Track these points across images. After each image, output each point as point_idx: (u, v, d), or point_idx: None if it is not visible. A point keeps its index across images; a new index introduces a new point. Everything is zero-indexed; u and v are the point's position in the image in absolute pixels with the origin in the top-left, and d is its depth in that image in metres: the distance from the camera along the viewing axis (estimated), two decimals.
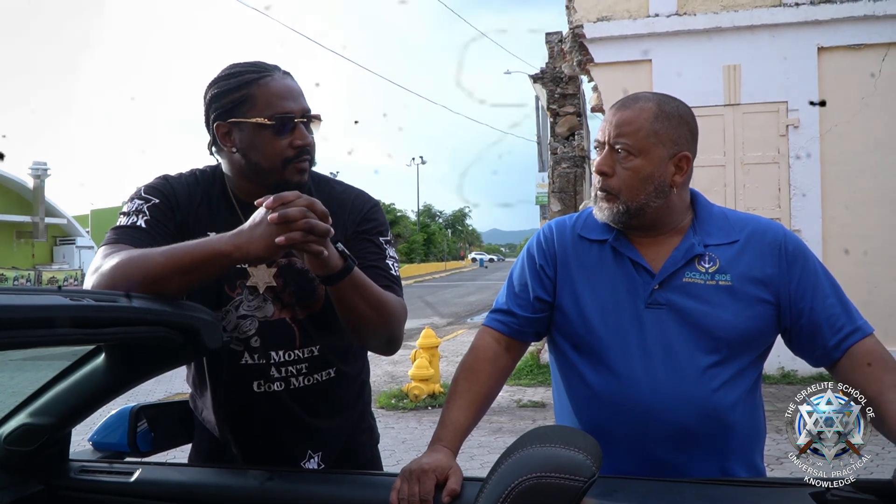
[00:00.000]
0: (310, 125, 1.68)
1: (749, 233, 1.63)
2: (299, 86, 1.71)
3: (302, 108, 1.66)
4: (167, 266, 1.41)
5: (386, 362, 10.92)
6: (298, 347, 1.75)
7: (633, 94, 1.63)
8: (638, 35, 8.72)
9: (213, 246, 1.42)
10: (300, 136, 1.65)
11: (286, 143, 1.64)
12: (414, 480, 1.44)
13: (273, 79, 1.65)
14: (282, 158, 1.64)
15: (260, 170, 1.66)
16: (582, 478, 1.08)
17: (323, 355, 1.77)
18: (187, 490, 1.64)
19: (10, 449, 1.66)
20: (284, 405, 1.76)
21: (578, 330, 1.66)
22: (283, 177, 1.65)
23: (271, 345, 1.73)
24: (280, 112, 1.63)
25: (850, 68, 8.24)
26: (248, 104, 1.64)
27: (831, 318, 1.57)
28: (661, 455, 1.56)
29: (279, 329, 1.73)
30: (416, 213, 71.41)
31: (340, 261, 1.49)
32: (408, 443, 6.33)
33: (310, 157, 1.68)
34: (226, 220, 1.67)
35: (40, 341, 1.15)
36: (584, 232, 1.72)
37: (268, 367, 1.74)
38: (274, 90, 1.64)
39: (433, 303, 23.82)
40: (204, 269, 1.43)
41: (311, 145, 1.68)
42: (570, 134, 11.33)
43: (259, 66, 1.67)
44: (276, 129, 1.63)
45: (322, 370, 1.79)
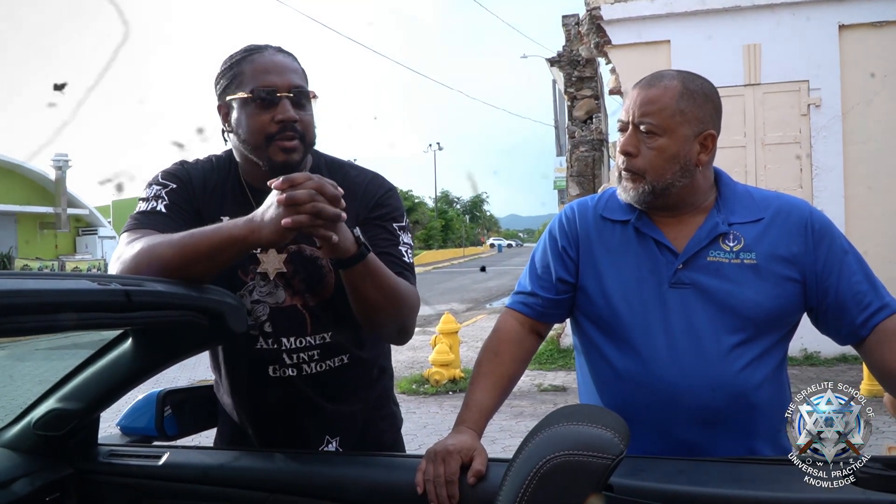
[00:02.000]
0: (302, 102, 1.63)
1: (774, 211, 1.62)
2: (296, 64, 1.67)
3: (288, 83, 1.61)
4: (187, 253, 1.41)
5: (406, 348, 10.95)
6: (310, 334, 1.74)
7: (656, 73, 1.61)
8: (656, 16, 8.63)
9: (229, 231, 1.41)
10: (282, 111, 1.59)
11: (268, 117, 1.59)
12: (439, 461, 1.44)
13: (262, 55, 1.64)
14: (264, 134, 1.60)
15: (249, 147, 1.63)
16: (610, 455, 1.08)
17: (336, 342, 1.76)
18: (215, 473, 1.65)
19: (40, 434, 1.69)
20: (299, 390, 1.76)
21: (601, 311, 1.65)
22: (267, 155, 1.61)
23: (282, 331, 1.73)
24: (262, 85, 1.59)
25: (872, 45, 8.12)
26: (236, 81, 1.63)
27: (858, 295, 1.56)
28: (685, 435, 1.55)
29: (290, 316, 1.72)
30: (434, 199, 71.38)
31: (354, 246, 1.47)
32: (429, 427, 6.35)
33: (297, 134, 1.61)
34: (238, 205, 1.67)
35: (69, 325, 1.16)
36: (606, 213, 1.70)
37: (280, 353, 1.74)
38: (259, 65, 1.62)
39: (452, 288, 23.82)
40: (222, 255, 1.42)
41: (298, 121, 1.61)
42: (588, 117, 11.25)
43: (253, 46, 1.66)
44: (259, 104, 1.59)
45: (335, 356, 1.77)
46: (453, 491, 1.41)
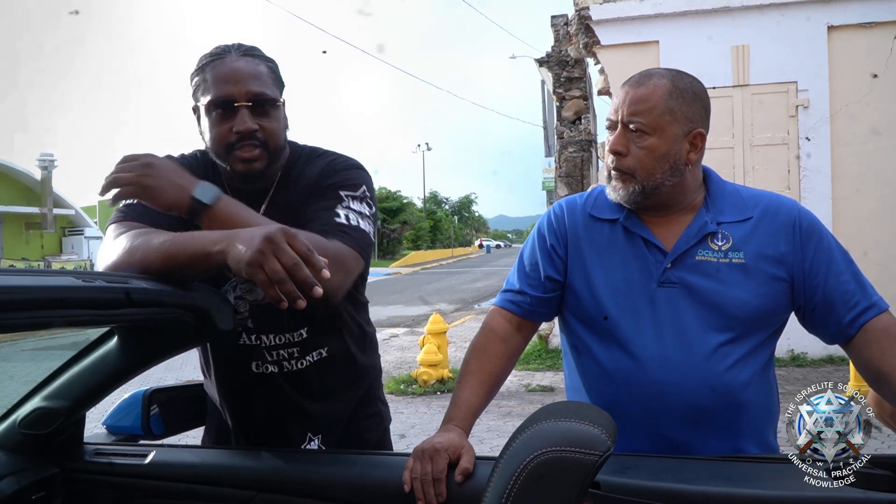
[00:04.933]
0: (264, 109, 1.61)
1: (762, 209, 1.62)
2: (259, 68, 1.64)
3: (246, 92, 1.59)
4: (164, 262, 1.39)
5: (395, 348, 10.97)
6: (287, 331, 1.73)
7: (645, 71, 1.61)
8: (645, 16, 8.66)
9: (204, 247, 1.36)
10: (239, 122, 1.58)
11: (227, 128, 1.59)
12: (427, 459, 1.44)
13: (224, 61, 1.61)
14: (224, 144, 1.60)
15: (213, 154, 1.64)
16: (597, 451, 1.08)
17: (311, 337, 1.75)
18: (201, 471, 1.65)
19: (26, 432, 1.67)
20: (280, 387, 1.76)
21: (589, 309, 1.65)
22: (229, 164, 1.61)
23: (263, 328, 1.73)
24: (219, 95, 1.59)
25: (861, 47, 8.17)
26: (202, 87, 1.62)
27: (846, 294, 1.56)
28: (673, 434, 1.55)
29: (268, 312, 1.67)
30: (423, 199, 71.30)
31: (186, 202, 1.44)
32: (417, 427, 6.35)
33: (257, 142, 1.60)
34: None
35: (53, 322, 1.15)
36: (594, 211, 1.70)
37: (261, 350, 1.74)
38: (219, 73, 1.60)
39: (440, 289, 23.83)
40: (197, 267, 1.39)
41: (259, 129, 1.60)
42: (577, 118, 11.26)
43: (219, 49, 1.64)
44: (219, 114, 1.59)
45: (314, 350, 1.77)
46: (440, 489, 1.40)
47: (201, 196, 1.45)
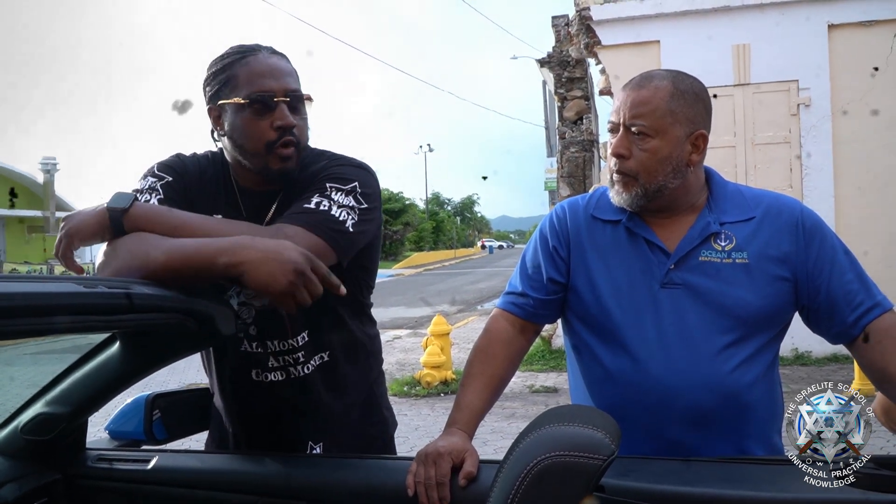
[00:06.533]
0: (297, 106, 1.60)
1: (765, 209, 1.61)
2: (290, 66, 1.63)
3: (284, 87, 1.57)
4: (167, 269, 1.38)
5: (398, 349, 10.96)
6: (291, 336, 1.72)
7: (646, 73, 1.61)
8: (646, 16, 8.66)
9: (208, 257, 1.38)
10: (280, 116, 1.56)
11: (267, 123, 1.56)
12: (430, 463, 1.44)
13: (256, 58, 1.59)
14: (264, 142, 1.57)
15: (246, 154, 1.60)
16: (601, 456, 1.08)
17: (314, 340, 1.74)
18: (204, 477, 1.64)
19: (28, 438, 1.67)
20: (282, 394, 1.75)
21: (593, 311, 1.65)
22: (266, 163, 1.58)
23: (267, 334, 1.71)
24: (258, 91, 1.56)
25: (861, 45, 8.16)
26: (230, 85, 1.58)
27: (849, 294, 1.56)
28: (677, 436, 1.55)
29: (273, 318, 1.69)
30: (425, 201, 71.30)
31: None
32: (421, 429, 6.34)
33: (294, 140, 1.59)
34: (227, 205, 1.66)
35: (55, 328, 1.15)
36: (597, 212, 1.70)
37: (266, 357, 1.72)
38: (255, 69, 1.58)
39: (443, 290, 23.83)
40: (200, 276, 1.39)
41: (295, 127, 1.58)
42: (579, 118, 11.26)
43: (245, 48, 1.62)
44: (256, 109, 1.56)
45: (318, 353, 1.75)
46: (444, 493, 1.40)
47: (115, 203, 1.48)
